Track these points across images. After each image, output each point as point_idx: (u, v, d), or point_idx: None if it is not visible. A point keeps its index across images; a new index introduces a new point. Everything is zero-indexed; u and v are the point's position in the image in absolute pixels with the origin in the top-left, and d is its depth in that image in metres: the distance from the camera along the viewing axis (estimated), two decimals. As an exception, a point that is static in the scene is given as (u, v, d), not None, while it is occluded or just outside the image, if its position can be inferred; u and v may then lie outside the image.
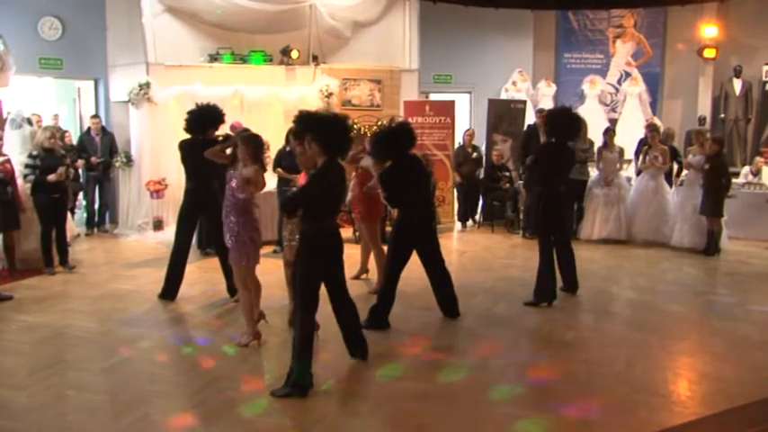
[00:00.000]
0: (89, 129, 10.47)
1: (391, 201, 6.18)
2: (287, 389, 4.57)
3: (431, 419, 4.23)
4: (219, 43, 10.98)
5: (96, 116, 10.52)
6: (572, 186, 9.96)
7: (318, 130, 4.69)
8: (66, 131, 10.35)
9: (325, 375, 4.88)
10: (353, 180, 7.18)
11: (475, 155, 11.23)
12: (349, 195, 7.16)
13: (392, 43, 12.11)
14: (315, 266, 4.70)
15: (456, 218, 11.40)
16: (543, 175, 6.82)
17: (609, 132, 10.26)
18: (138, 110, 10.17)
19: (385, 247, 6.76)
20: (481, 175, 11.18)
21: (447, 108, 11.52)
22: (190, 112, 6.80)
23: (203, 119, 6.76)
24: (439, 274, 6.28)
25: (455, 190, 11.29)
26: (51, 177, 7.58)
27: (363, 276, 7.64)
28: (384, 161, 6.04)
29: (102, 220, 10.56)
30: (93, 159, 10.13)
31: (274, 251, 8.67)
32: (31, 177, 7.65)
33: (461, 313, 6.27)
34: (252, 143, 5.40)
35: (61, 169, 7.65)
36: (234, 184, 5.35)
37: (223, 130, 9.71)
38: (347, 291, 5.10)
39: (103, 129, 10.40)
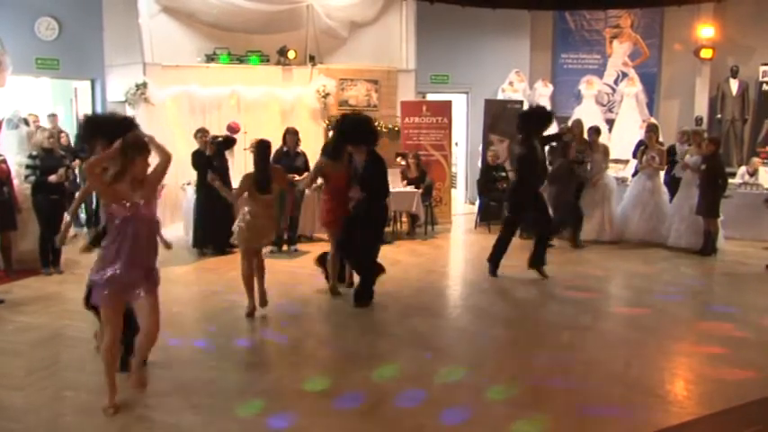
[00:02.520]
0: (86, 129, 10.44)
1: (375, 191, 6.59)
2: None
3: (429, 420, 4.23)
4: (216, 43, 10.98)
5: (93, 116, 10.51)
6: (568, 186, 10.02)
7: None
8: (62, 131, 10.33)
9: (323, 375, 4.88)
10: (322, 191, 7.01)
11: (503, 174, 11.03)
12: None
13: (389, 43, 12.13)
14: None
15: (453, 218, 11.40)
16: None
17: (592, 132, 9.86)
18: (134, 110, 10.16)
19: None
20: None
21: (444, 108, 11.54)
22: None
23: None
24: None
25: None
26: (52, 178, 7.57)
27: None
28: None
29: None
30: (91, 160, 10.10)
31: (271, 252, 8.67)
32: (32, 178, 7.63)
33: (459, 313, 6.25)
34: (145, 151, 4.22)
35: (61, 170, 7.64)
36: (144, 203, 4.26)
37: (220, 130, 9.69)
38: None
39: (101, 129, 10.37)
